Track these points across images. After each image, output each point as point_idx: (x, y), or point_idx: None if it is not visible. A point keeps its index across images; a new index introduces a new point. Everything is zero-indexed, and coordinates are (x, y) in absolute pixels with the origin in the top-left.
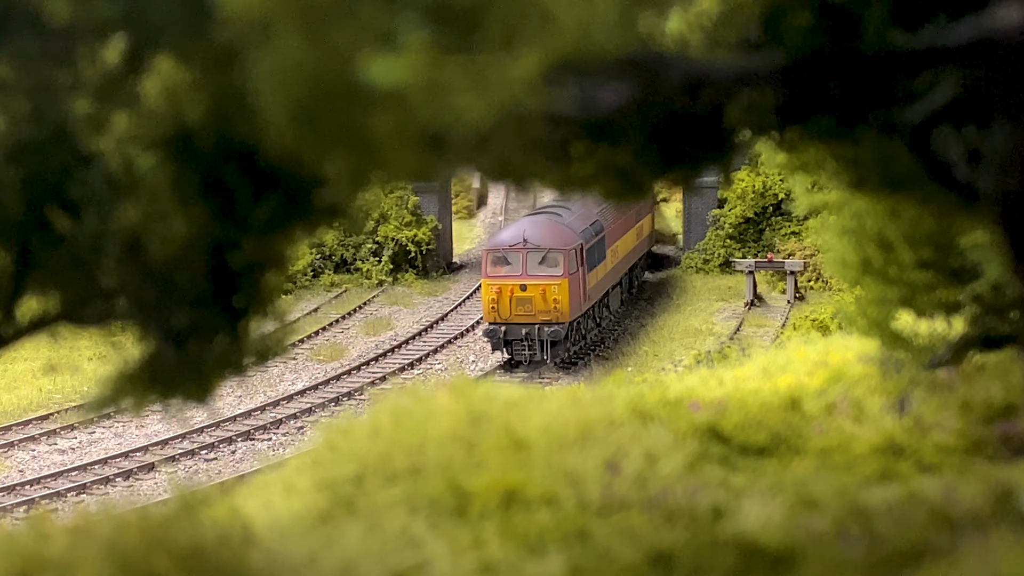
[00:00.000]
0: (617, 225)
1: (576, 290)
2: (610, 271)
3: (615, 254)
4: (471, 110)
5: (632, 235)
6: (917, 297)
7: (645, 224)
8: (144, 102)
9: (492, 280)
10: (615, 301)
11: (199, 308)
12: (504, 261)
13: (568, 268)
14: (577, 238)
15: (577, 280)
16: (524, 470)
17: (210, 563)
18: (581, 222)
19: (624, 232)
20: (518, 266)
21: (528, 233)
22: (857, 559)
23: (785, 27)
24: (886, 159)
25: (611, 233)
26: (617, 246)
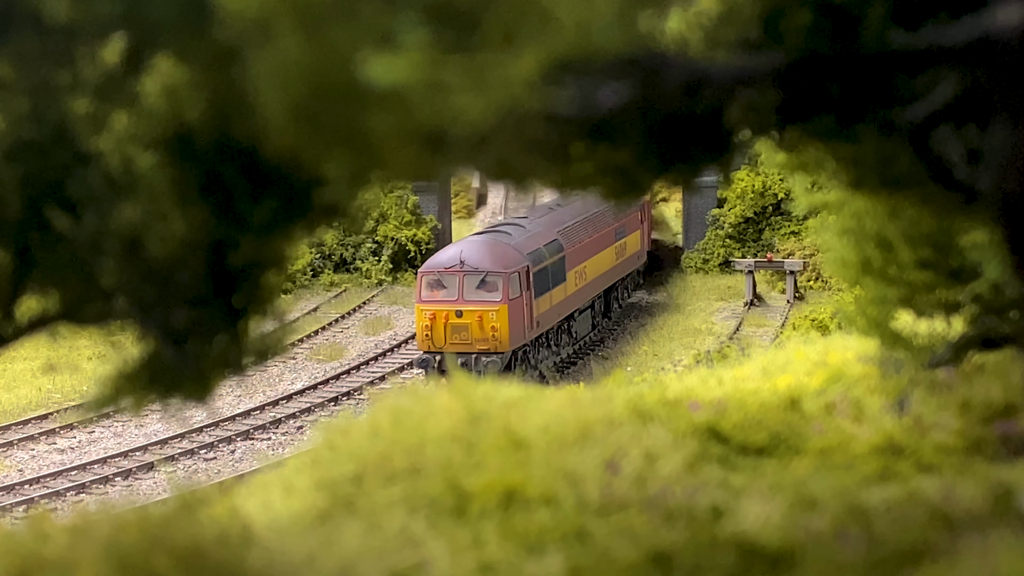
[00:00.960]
0: (586, 244)
1: (519, 317)
2: (573, 294)
3: (581, 275)
4: (471, 110)
5: (609, 254)
6: (917, 297)
7: (631, 241)
8: (143, 101)
9: (426, 305)
10: (583, 326)
11: (198, 307)
12: (439, 285)
13: (509, 293)
14: (523, 260)
15: (520, 306)
16: (523, 470)
17: (209, 563)
18: (532, 242)
19: (597, 251)
20: (454, 290)
21: (466, 254)
22: (856, 559)
23: (785, 27)
24: (886, 159)
25: (575, 253)
26: (585, 267)
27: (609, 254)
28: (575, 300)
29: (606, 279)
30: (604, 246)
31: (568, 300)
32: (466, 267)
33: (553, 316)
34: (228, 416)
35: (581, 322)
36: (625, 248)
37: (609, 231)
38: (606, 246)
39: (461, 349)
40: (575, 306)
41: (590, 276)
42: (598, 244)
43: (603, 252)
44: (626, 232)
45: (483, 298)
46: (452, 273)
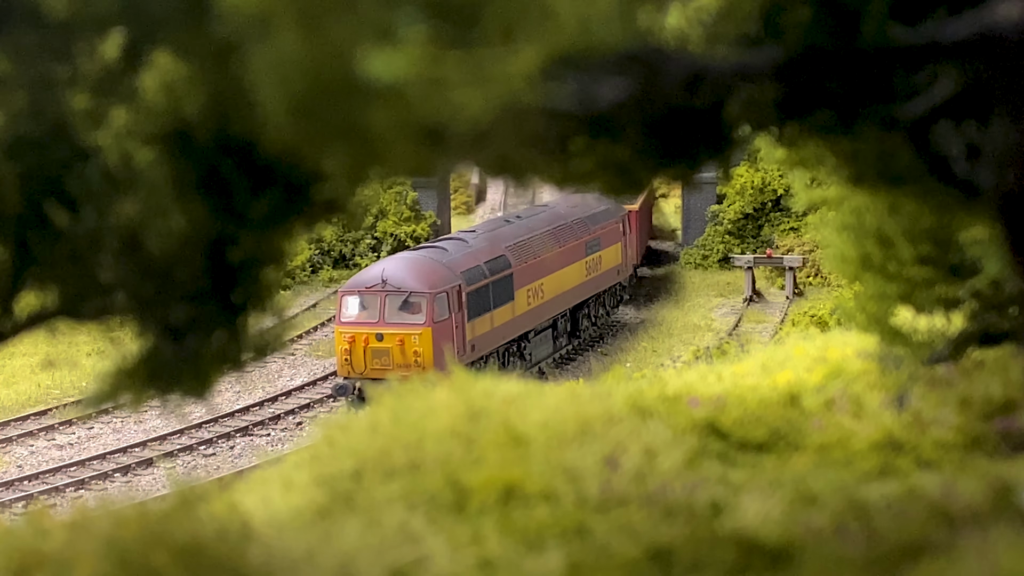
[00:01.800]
0: (543, 260)
1: (447, 341)
2: (524, 314)
3: (536, 294)
4: (470, 105)
5: (577, 269)
6: (916, 293)
7: (608, 255)
8: (142, 97)
9: (345, 327)
10: (541, 348)
11: (197, 303)
12: (361, 305)
13: (434, 315)
14: (454, 279)
15: (449, 328)
16: (523, 466)
17: (208, 558)
18: (470, 259)
19: (560, 267)
20: (375, 312)
21: (388, 273)
22: (856, 555)
23: (784, 22)
24: (885, 155)
25: (528, 270)
26: (542, 284)
27: (577, 270)
28: (527, 320)
29: (573, 296)
30: (570, 261)
31: (518, 321)
32: (388, 287)
33: (495, 339)
34: (227, 412)
35: (538, 344)
36: (600, 263)
37: (577, 245)
38: (572, 261)
39: (382, 375)
40: (528, 327)
41: (549, 294)
42: (561, 259)
43: (568, 268)
44: (601, 245)
45: (405, 320)
46: (373, 293)
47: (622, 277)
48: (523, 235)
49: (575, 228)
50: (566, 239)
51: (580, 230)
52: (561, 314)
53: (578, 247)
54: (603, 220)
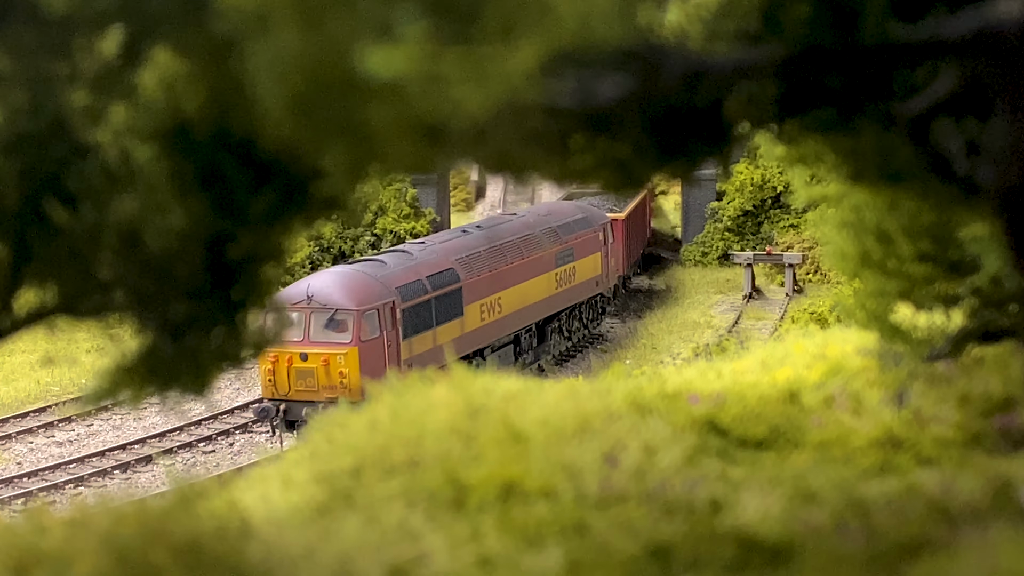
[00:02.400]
0: (501, 273)
1: (377, 361)
2: (477, 330)
3: (492, 308)
4: (469, 102)
5: (544, 281)
6: (916, 290)
7: (584, 265)
8: (141, 94)
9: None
10: (501, 364)
11: (197, 300)
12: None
13: (361, 333)
14: (388, 294)
15: (379, 348)
16: (522, 463)
17: (208, 556)
18: (410, 273)
19: (523, 279)
20: (300, 330)
21: (314, 288)
22: (855, 552)
23: (784, 19)
24: (885, 152)
25: (482, 283)
26: (500, 298)
27: (544, 282)
28: (481, 337)
29: (540, 309)
30: (535, 273)
31: (468, 337)
32: (314, 303)
33: (439, 357)
34: (227, 409)
35: (496, 361)
36: (573, 274)
37: (546, 256)
38: (539, 273)
39: (307, 397)
40: (481, 343)
41: (509, 308)
42: (525, 271)
43: (534, 280)
44: (575, 256)
45: (331, 339)
46: (298, 310)
47: (603, 288)
48: (478, 247)
49: (543, 238)
50: (531, 250)
51: (549, 240)
52: (526, 328)
53: (546, 258)
54: (578, 230)
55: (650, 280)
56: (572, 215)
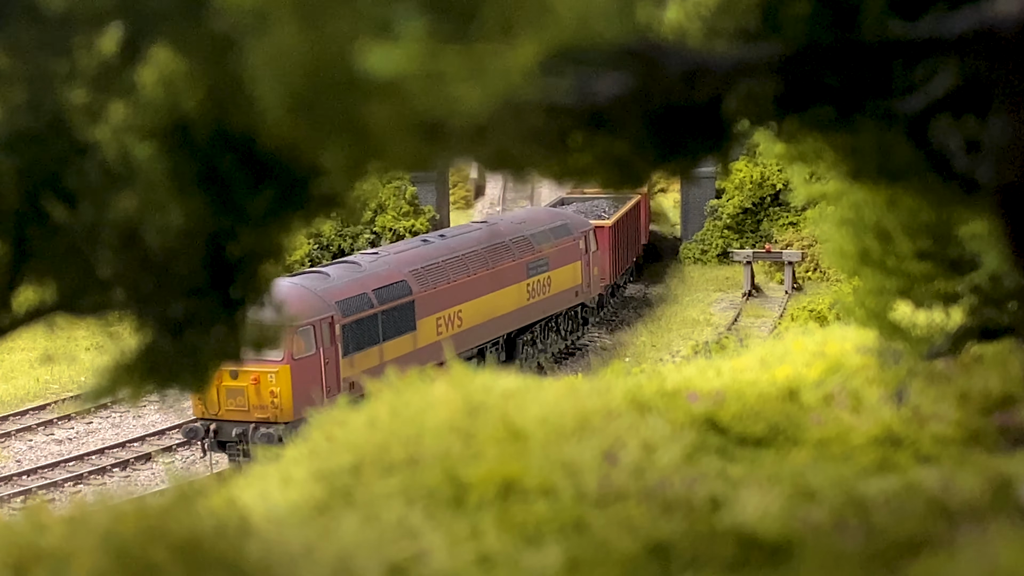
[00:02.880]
0: (462, 284)
1: (312, 379)
2: (431, 346)
3: (451, 322)
4: (469, 99)
5: (513, 293)
6: (915, 287)
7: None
8: (141, 92)
9: None
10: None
11: (196, 298)
12: None
13: (294, 350)
14: (327, 309)
15: (315, 366)
16: (521, 461)
17: (207, 554)
18: (355, 286)
19: (488, 290)
20: None
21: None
22: (855, 550)
23: (783, 17)
24: (884, 149)
25: (438, 296)
26: (460, 311)
27: (513, 293)
28: (436, 352)
29: (508, 322)
30: (503, 284)
31: (421, 353)
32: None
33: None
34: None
35: None
36: (548, 284)
37: (515, 266)
38: (507, 284)
39: (238, 417)
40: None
41: (472, 321)
42: (491, 282)
43: (501, 291)
44: (550, 266)
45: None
46: None
47: (585, 298)
48: (437, 257)
49: (513, 248)
50: (498, 260)
51: (520, 249)
52: (492, 342)
53: (516, 268)
54: (555, 238)
55: (646, 288)
56: (549, 223)
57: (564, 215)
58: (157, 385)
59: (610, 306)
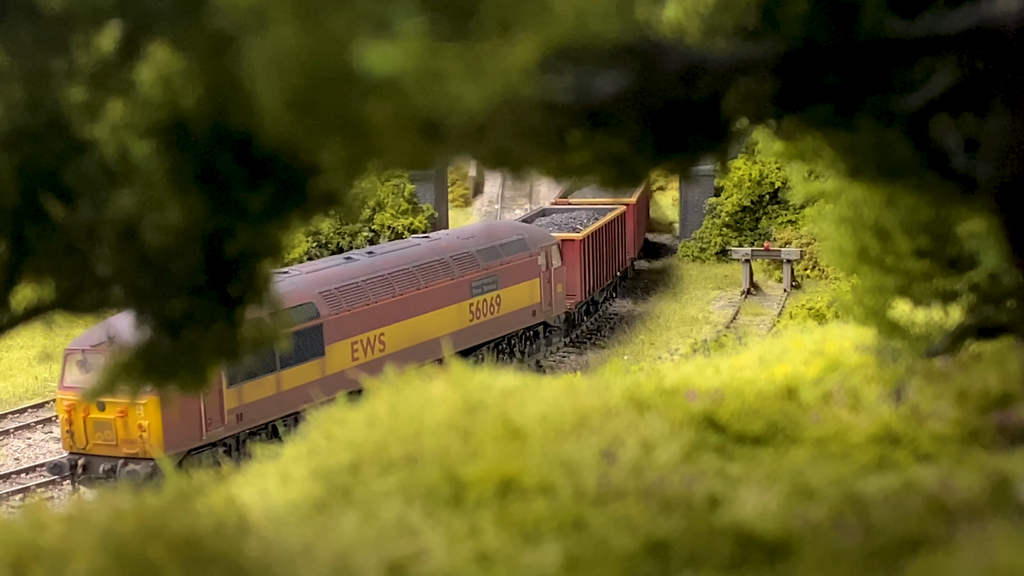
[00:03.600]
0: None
1: (189, 412)
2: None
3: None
4: (467, 98)
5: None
6: (914, 286)
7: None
8: (139, 89)
9: (67, 393)
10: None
11: (194, 296)
12: (84, 367)
13: None
14: None
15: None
16: (520, 459)
17: (206, 552)
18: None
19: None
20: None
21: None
22: (853, 548)
23: (782, 15)
24: (883, 147)
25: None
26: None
27: (452, 313)
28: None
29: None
30: (439, 304)
31: (331, 380)
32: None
33: (283, 404)
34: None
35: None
36: (498, 304)
37: (456, 284)
38: (444, 304)
39: (107, 452)
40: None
41: (397, 345)
42: (422, 303)
43: (436, 312)
44: (500, 284)
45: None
46: (98, 353)
47: (545, 317)
48: (356, 277)
49: (453, 265)
50: (433, 279)
51: (463, 267)
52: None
53: (457, 287)
54: (506, 254)
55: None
56: (502, 237)
57: (522, 229)
58: (156, 383)
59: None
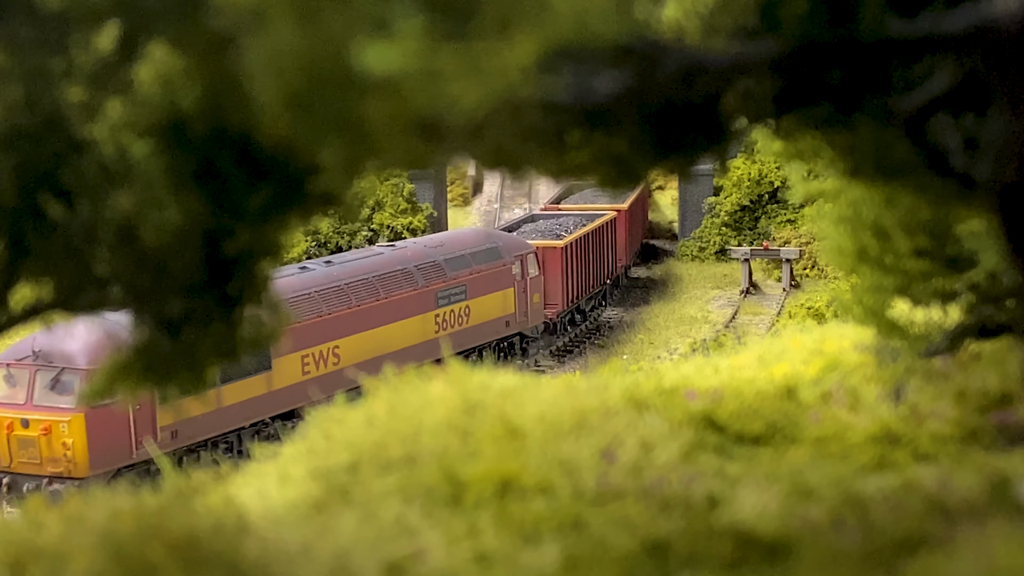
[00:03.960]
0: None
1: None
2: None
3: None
4: (466, 98)
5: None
6: (913, 285)
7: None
8: (138, 89)
9: None
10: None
11: (193, 296)
12: (9, 382)
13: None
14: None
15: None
16: (519, 459)
17: (204, 552)
18: None
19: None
20: (23, 391)
21: (42, 342)
22: (852, 548)
23: (781, 14)
24: (882, 147)
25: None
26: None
27: (416, 325)
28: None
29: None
30: (401, 315)
31: (279, 395)
32: (40, 359)
33: (226, 420)
34: None
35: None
36: (466, 314)
37: (420, 295)
38: (407, 315)
39: (32, 470)
40: (299, 401)
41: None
42: (382, 314)
43: (398, 324)
44: (468, 294)
45: (55, 403)
46: (22, 367)
47: (520, 328)
48: (308, 288)
49: (418, 275)
50: (395, 289)
51: (428, 277)
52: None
53: (421, 297)
54: (476, 263)
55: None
56: (473, 246)
57: (496, 237)
58: (154, 384)
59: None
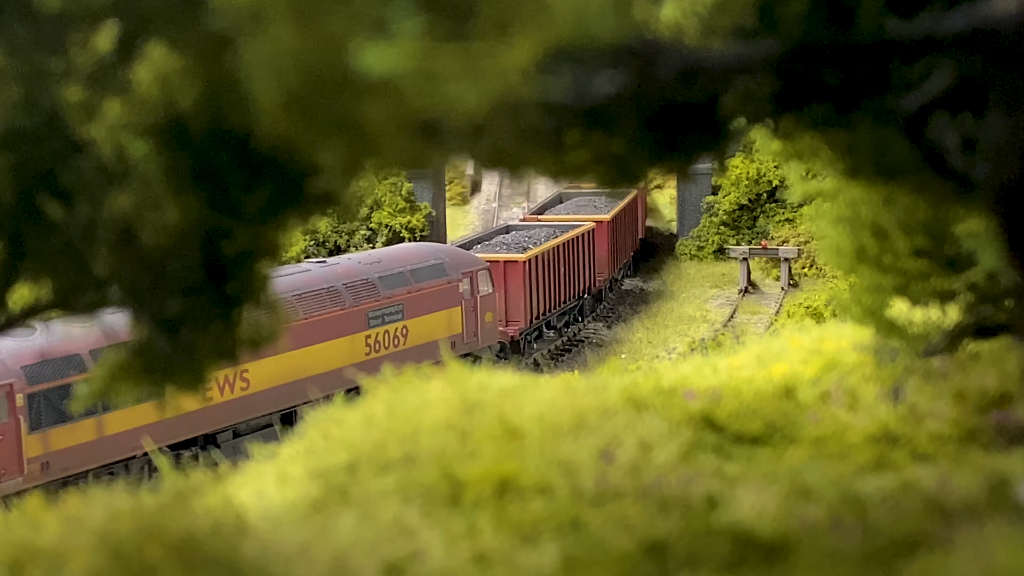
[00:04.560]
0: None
1: None
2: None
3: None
4: (465, 98)
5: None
6: (912, 285)
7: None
8: (136, 89)
9: None
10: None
11: (192, 296)
12: None
13: None
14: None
15: None
16: (518, 459)
17: (203, 552)
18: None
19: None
20: None
21: None
22: (851, 549)
23: (780, 14)
24: (881, 147)
25: None
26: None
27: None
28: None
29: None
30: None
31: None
32: None
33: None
34: None
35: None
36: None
37: (347, 315)
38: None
39: None
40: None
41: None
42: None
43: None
44: (406, 313)
45: None
46: None
47: (469, 348)
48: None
49: (346, 294)
50: (318, 309)
51: (359, 296)
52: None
53: (349, 318)
54: (416, 281)
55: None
56: (413, 263)
57: (442, 253)
58: (153, 384)
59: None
